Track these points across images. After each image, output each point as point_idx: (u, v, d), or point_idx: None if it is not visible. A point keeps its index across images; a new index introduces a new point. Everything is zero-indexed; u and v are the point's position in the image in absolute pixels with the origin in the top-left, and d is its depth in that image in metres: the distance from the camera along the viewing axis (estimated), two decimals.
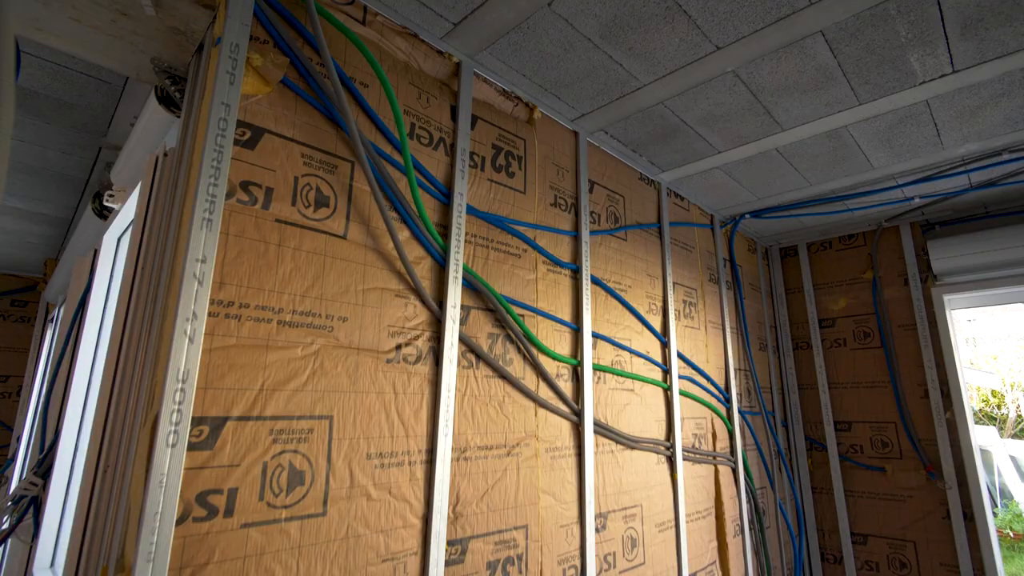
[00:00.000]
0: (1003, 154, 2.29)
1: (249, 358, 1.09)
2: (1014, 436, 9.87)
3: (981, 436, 7.77)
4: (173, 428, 0.95)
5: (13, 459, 3.80)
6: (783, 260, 3.56)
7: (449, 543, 1.35)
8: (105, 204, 1.65)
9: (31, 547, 1.81)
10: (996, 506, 7.37)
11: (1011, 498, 7.19)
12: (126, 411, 1.14)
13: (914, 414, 2.91)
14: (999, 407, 9.95)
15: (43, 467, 1.81)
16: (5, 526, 1.82)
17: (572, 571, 1.66)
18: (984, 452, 7.65)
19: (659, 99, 1.90)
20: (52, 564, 1.59)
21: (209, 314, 1.04)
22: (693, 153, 2.31)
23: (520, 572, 1.50)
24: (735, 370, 2.82)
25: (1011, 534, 6.45)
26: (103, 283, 1.78)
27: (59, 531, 1.62)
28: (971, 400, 10.03)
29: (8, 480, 3.63)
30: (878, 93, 1.87)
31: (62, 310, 2.94)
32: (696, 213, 2.84)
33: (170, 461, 0.94)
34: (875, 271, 3.15)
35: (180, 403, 0.97)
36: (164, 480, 0.93)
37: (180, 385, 0.97)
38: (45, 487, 1.81)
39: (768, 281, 3.50)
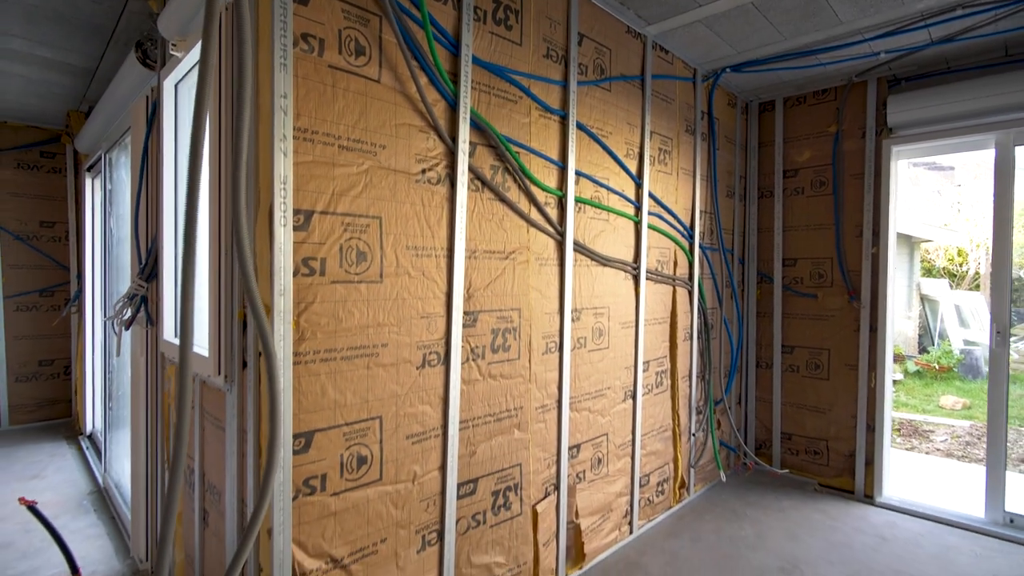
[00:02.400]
0: (957, 9, 2.51)
1: (322, 171, 1.52)
2: (970, 290, 10.78)
3: (933, 288, 8.59)
4: (282, 214, 1.42)
5: (80, 292, 4.41)
6: (760, 115, 3.84)
7: (465, 313, 1.91)
8: (170, 53, 1.94)
9: (146, 331, 2.41)
10: (932, 344, 8.42)
11: (947, 338, 8.20)
12: (234, 209, 1.60)
13: (848, 250, 3.45)
14: (961, 265, 10.72)
15: (146, 273, 2.34)
16: (127, 316, 2.40)
17: (553, 344, 2.28)
18: (932, 301, 8.52)
19: None
20: (176, 335, 2.18)
21: (293, 137, 1.45)
22: (676, 6, 2.51)
23: (515, 339, 2.10)
24: (700, 212, 3.29)
25: (937, 367, 7.51)
26: (170, 122, 2.14)
27: (175, 314, 2.18)
28: (938, 258, 10.76)
29: (82, 309, 4.28)
30: None
31: (112, 155, 3.29)
32: (679, 67, 3.08)
33: (284, 235, 1.42)
34: (839, 124, 3.47)
35: (284, 198, 1.42)
36: (282, 247, 1.42)
37: (282, 186, 1.42)
38: (149, 288, 2.35)
39: (744, 134, 3.82)
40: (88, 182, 4.16)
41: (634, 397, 2.77)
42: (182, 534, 2.13)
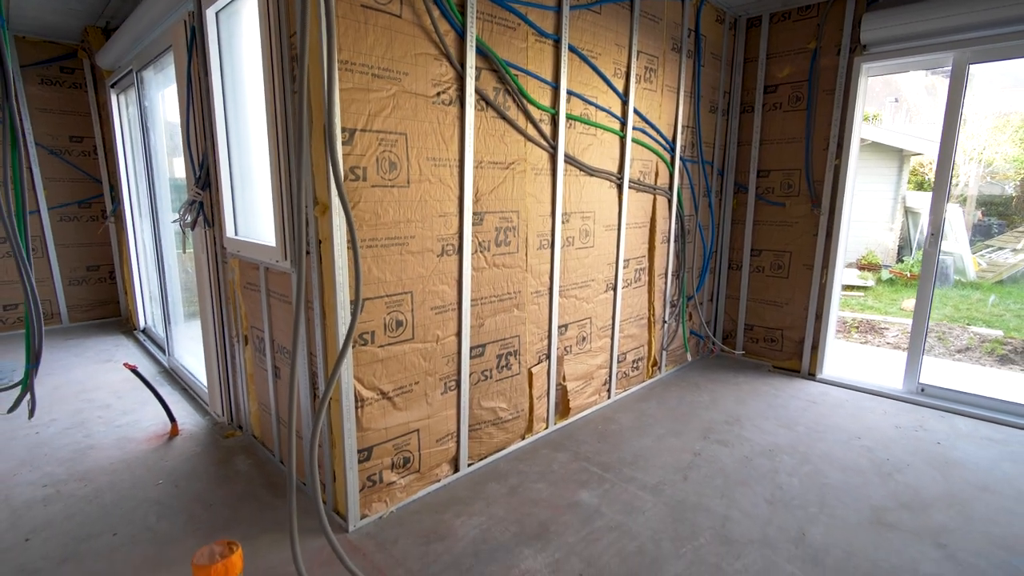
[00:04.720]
0: None
1: (360, 96, 1.91)
2: (957, 203, 11.09)
3: (917, 201, 8.93)
4: (334, 130, 1.82)
5: (118, 203, 4.82)
6: (748, 31, 4.03)
7: (474, 213, 2.36)
8: None
9: (203, 232, 2.87)
10: (911, 255, 8.92)
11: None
12: (287, 126, 1.99)
13: (815, 162, 3.82)
14: (952, 179, 10.95)
15: (200, 182, 2.75)
16: (188, 220, 2.86)
17: (546, 242, 2.75)
18: (915, 213, 8.90)
19: None
20: (235, 233, 2.65)
21: (338, 68, 1.82)
22: None
23: (515, 236, 2.57)
24: (683, 127, 3.62)
25: (908, 275, 8.05)
26: (215, 46, 2.45)
27: (234, 217, 2.63)
28: (931, 171, 10.95)
29: (122, 217, 4.71)
30: None
31: (145, 74, 3.57)
32: None
33: (338, 147, 1.84)
34: (819, 41, 3.70)
35: (335, 118, 1.82)
36: (337, 157, 1.84)
37: (332, 108, 1.81)
38: (204, 196, 2.78)
39: (730, 51, 4.04)
40: (114, 98, 4.43)
41: (615, 289, 3.29)
42: (255, 390, 2.73)
